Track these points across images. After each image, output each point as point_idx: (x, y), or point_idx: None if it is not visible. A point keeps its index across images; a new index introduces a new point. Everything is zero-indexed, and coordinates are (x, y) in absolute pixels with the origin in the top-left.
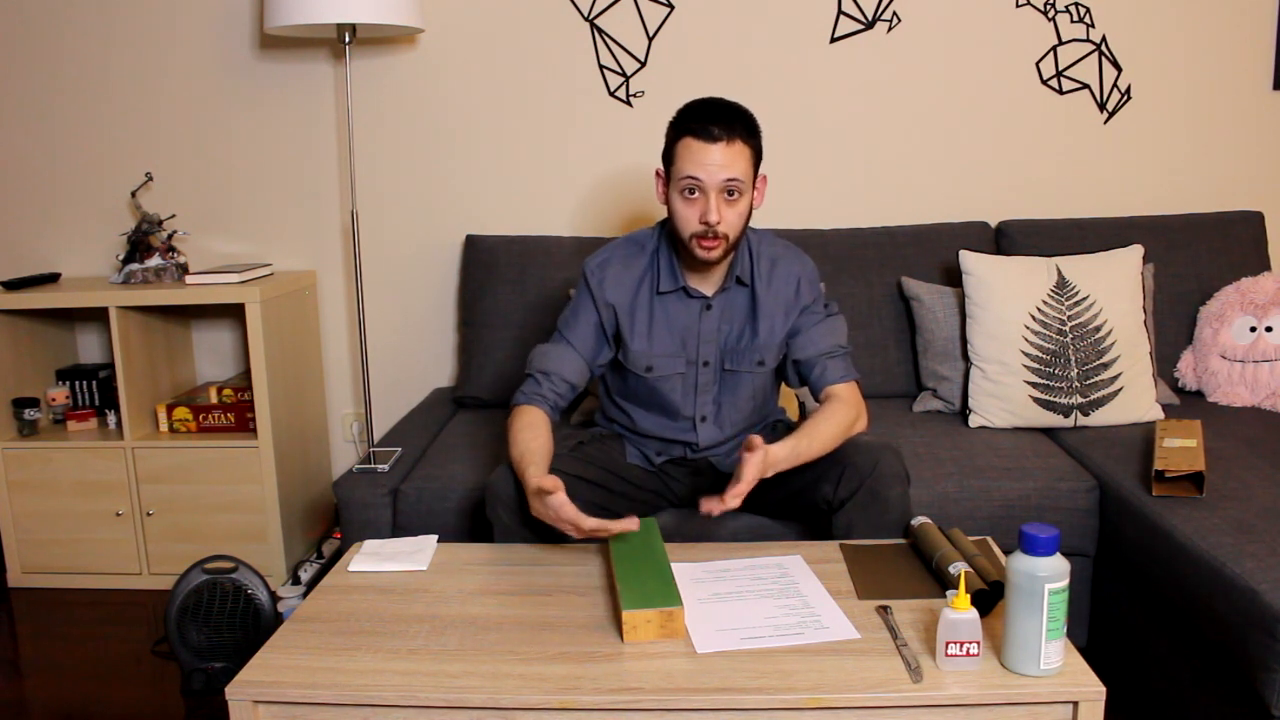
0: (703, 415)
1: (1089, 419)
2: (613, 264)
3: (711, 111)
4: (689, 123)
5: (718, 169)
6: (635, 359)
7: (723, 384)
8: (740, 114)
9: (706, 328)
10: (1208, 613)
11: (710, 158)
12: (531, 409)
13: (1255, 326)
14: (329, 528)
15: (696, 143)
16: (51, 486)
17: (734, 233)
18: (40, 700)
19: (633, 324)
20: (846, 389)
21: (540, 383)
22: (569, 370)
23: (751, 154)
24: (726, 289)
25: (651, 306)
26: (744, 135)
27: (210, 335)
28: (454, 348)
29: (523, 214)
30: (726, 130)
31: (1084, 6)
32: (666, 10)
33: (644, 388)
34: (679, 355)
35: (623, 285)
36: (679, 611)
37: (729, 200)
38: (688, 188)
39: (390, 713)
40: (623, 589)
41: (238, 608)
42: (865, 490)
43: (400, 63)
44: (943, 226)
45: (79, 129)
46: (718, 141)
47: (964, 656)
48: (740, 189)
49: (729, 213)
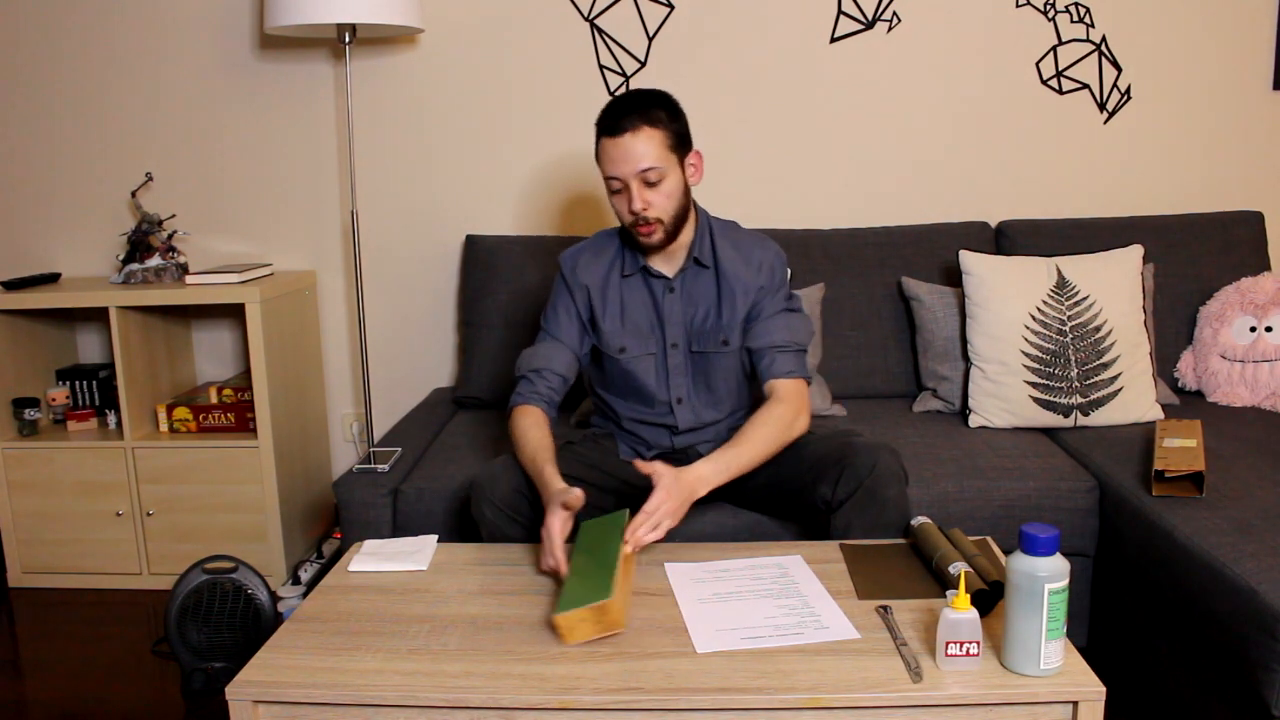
0: (678, 397)
1: (1089, 419)
2: (585, 252)
3: (616, 107)
4: (600, 122)
5: (629, 161)
6: (608, 340)
7: (694, 365)
8: (643, 102)
9: (671, 309)
10: (1208, 613)
11: (620, 152)
12: (530, 408)
13: (1255, 326)
14: (329, 528)
15: (607, 140)
16: (51, 486)
17: (667, 214)
18: (40, 700)
19: (605, 306)
20: (790, 385)
21: (534, 381)
22: (559, 364)
23: (665, 136)
24: (686, 270)
25: (621, 290)
26: (648, 122)
27: (210, 335)
28: (454, 348)
29: (523, 214)
30: (631, 121)
31: (1084, 6)
32: (666, 10)
33: (619, 372)
34: (649, 337)
35: (593, 270)
36: (611, 603)
37: (651, 187)
38: (612, 185)
39: (390, 713)
40: (561, 592)
41: (238, 608)
42: (863, 490)
43: (400, 63)
44: (943, 226)
45: (79, 129)
46: (623, 134)
47: (964, 656)
48: (659, 174)
49: (654, 196)
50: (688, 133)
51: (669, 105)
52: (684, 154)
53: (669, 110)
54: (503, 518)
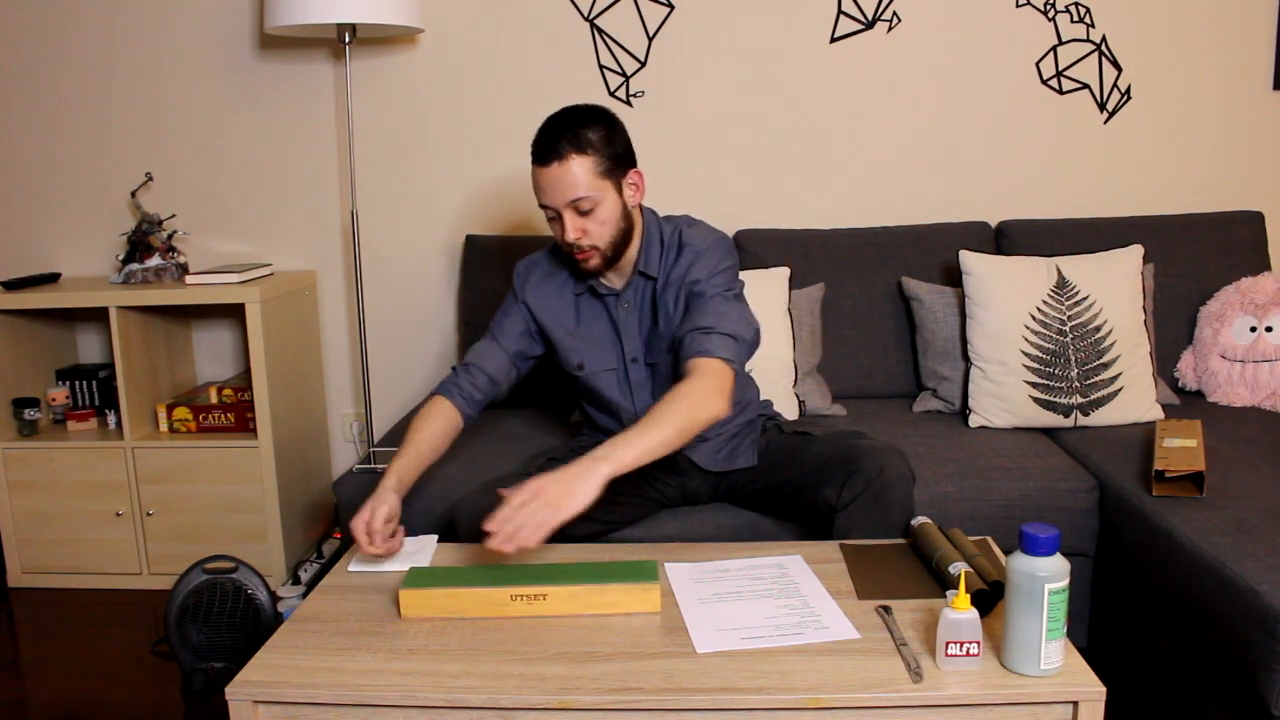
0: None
1: (1089, 419)
2: (538, 267)
3: (546, 131)
4: (532, 148)
5: (558, 191)
6: (565, 357)
7: (654, 377)
8: (573, 123)
9: (628, 322)
10: (1208, 613)
11: (547, 182)
12: (441, 400)
13: (1255, 326)
14: (329, 528)
15: (538, 169)
16: (51, 486)
17: (604, 240)
18: (40, 700)
19: (557, 323)
20: (707, 363)
21: (459, 374)
22: (490, 364)
23: (593, 163)
24: (633, 282)
25: (577, 306)
26: (577, 149)
27: (210, 335)
28: (454, 348)
29: (524, 214)
30: (554, 151)
31: (1084, 6)
32: (666, 10)
33: (585, 388)
34: (610, 352)
35: (544, 289)
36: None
37: (584, 215)
38: (547, 214)
39: (390, 713)
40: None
41: (238, 608)
42: (870, 492)
43: (400, 63)
44: (943, 226)
45: (79, 129)
46: (549, 164)
47: (964, 656)
48: (591, 203)
49: (588, 224)
50: (626, 152)
51: (604, 126)
52: (620, 176)
53: (603, 133)
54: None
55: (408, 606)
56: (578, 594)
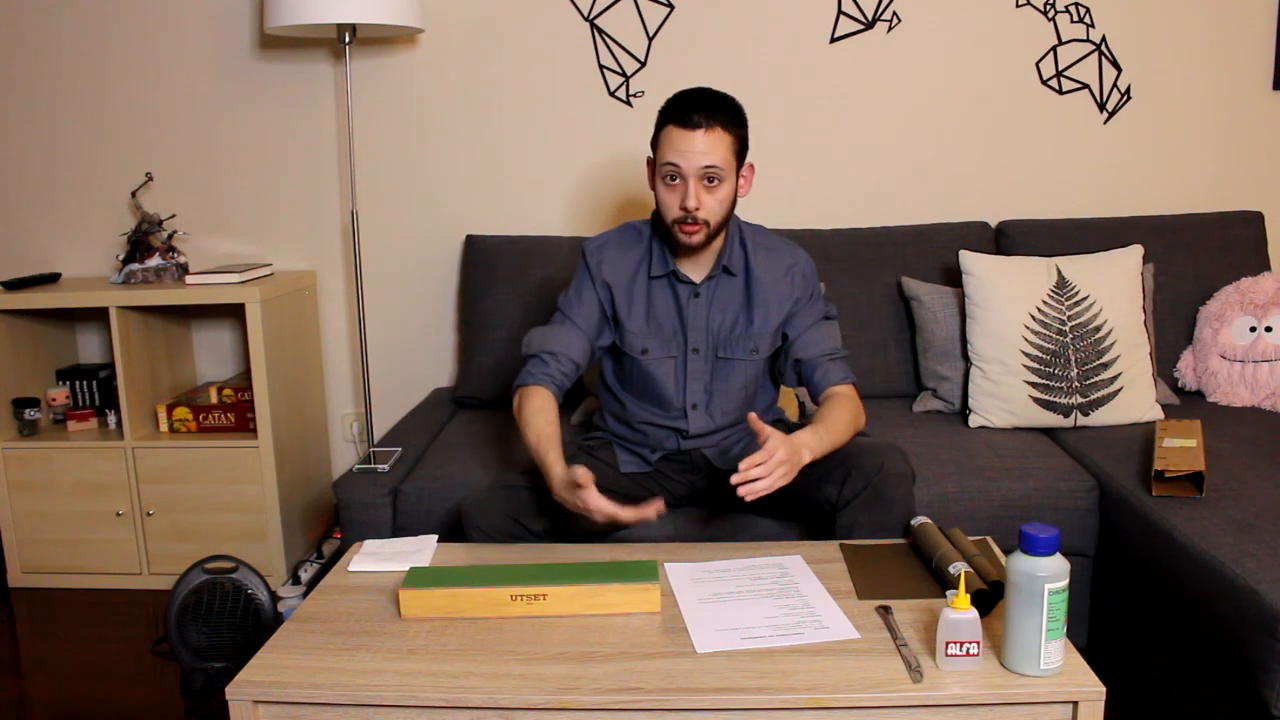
0: (694, 403)
1: (1089, 419)
2: (610, 247)
3: (695, 100)
4: (673, 111)
5: (696, 155)
6: (631, 341)
7: (715, 371)
8: (724, 103)
9: (695, 314)
10: (1208, 613)
11: (689, 145)
12: (540, 390)
13: (1255, 326)
14: (329, 528)
15: (678, 130)
16: (51, 486)
17: (714, 219)
18: (40, 700)
19: (629, 306)
20: (850, 390)
21: (547, 363)
22: (574, 349)
23: (733, 142)
24: (713, 277)
25: (648, 290)
26: (725, 124)
27: (210, 335)
28: (454, 348)
29: (522, 214)
30: (707, 118)
31: (1084, 6)
32: (666, 10)
33: (638, 372)
34: (672, 340)
35: (619, 268)
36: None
37: (709, 187)
38: (669, 174)
39: (390, 713)
40: None
41: (238, 608)
42: (870, 490)
43: (400, 63)
44: (943, 226)
45: (79, 129)
46: (697, 129)
47: (964, 656)
48: (720, 176)
49: (708, 199)
50: (748, 145)
51: (740, 113)
52: (742, 164)
53: (739, 118)
54: (492, 545)
55: (408, 606)
56: (578, 594)
